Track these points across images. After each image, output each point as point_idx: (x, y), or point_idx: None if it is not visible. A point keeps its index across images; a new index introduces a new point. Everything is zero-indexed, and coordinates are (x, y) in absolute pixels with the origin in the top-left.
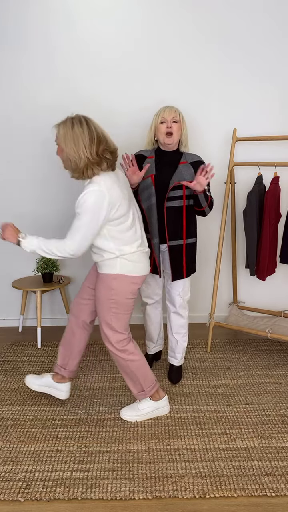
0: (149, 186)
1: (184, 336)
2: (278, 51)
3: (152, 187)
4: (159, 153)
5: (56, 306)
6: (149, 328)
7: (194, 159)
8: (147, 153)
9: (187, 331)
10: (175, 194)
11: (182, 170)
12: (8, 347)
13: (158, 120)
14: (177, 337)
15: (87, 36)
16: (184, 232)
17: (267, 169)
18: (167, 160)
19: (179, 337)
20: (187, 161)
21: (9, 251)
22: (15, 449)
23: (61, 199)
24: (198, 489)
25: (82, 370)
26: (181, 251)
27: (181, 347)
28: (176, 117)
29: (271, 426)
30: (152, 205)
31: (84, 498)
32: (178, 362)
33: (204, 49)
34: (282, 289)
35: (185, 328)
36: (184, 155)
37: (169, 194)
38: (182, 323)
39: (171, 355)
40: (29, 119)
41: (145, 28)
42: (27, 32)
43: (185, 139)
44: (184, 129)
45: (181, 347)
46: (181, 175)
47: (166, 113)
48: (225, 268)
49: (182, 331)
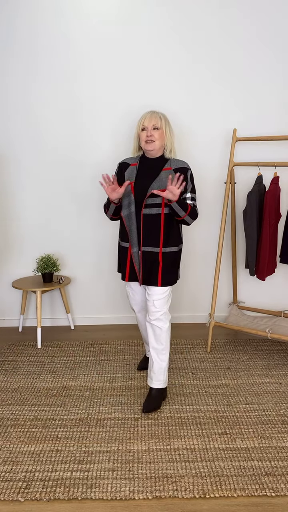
0: (129, 194)
1: (161, 354)
2: (278, 51)
3: (131, 195)
4: (143, 160)
5: (56, 306)
6: (141, 332)
7: (179, 165)
8: (131, 161)
9: (165, 347)
10: (154, 201)
11: (163, 178)
12: (8, 347)
13: (139, 128)
14: (153, 354)
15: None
16: (161, 240)
17: (267, 169)
18: (149, 167)
19: (154, 354)
20: (171, 167)
21: (9, 251)
22: (15, 449)
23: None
24: (198, 489)
25: (82, 370)
26: (156, 259)
27: (157, 367)
28: (156, 124)
29: (271, 426)
30: (131, 213)
31: (84, 498)
32: (154, 384)
33: (204, 49)
34: (282, 289)
35: (163, 343)
36: (170, 162)
37: (146, 201)
38: (157, 336)
39: (148, 375)
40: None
41: (143, 28)
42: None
43: (169, 145)
44: (168, 135)
45: (157, 367)
46: (161, 182)
47: (147, 121)
48: (225, 268)
49: (159, 347)
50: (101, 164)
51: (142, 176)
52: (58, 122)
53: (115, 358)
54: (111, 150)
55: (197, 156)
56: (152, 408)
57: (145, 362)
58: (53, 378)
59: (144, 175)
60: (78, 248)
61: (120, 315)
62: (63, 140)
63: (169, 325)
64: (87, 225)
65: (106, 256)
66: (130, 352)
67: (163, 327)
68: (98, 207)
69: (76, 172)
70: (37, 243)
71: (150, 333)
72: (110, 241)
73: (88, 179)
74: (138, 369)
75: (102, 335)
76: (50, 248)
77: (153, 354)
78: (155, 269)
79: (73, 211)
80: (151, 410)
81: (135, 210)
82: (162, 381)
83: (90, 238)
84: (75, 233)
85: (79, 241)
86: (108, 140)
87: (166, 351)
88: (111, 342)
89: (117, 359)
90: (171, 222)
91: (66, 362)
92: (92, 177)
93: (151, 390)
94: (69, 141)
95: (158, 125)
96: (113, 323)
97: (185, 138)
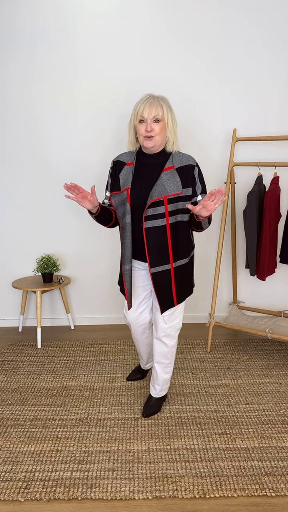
0: (125, 202)
1: (167, 367)
2: (278, 50)
3: (127, 204)
4: (140, 157)
5: (56, 306)
6: (136, 346)
7: (183, 162)
8: (126, 158)
9: (171, 362)
10: (156, 211)
11: (165, 181)
12: (8, 347)
13: (136, 119)
14: (158, 368)
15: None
16: (170, 255)
17: (267, 169)
18: (148, 167)
19: (159, 368)
20: (173, 166)
21: (9, 251)
22: (15, 449)
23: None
24: (198, 489)
25: (82, 370)
26: (169, 277)
27: (161, 379)
28: (158, 114)
29: (271, 426)
30: (126, 225)
31: (84, 498)
32: (156, 393)
33: (204, 49)
34: (282, 289)
35: (169, 358)
36: (171, 158)
37: (147, 213)
38: (164, 352)
39: (151, 383)
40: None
41: (143, 28)
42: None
43: (172, 137)
44: (171, 126)
45: (161, 379)
46: (163, 188)
47: (146, 110)
48: (225, 268)
49: (164, 361)
50: (102, 164)
51: (139, 180)
52: (58, 122)
53: (115, 358)
54: (111, 149)
55: (197, 156)
56: (152, 413)
57: (138, 373)
58: (53, 378)
59: (141, 178)
60: (78, 248)
61: (120, 315)
62: (63, 140)
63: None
64: (87, 225)
65: (106, 256)
66: (130, 352)
67: (170, 343)
68: None
69: (76, 172)
70: (37, 243)
71: (156, 348)
72: (110, 241)
73: (88, 178)
74: (127, 380)
75: (102, 335)
76: (50, 248)
77: (158, 368)
78: (169, 289)
79: (74, 211)
80: (150, 415)
81: (131, 222)
82: (164, 390)
83: (90, 238)
84: (75, 233)
85: (79, 241)
86: (109, 139)
87: (172, 364)
88: (111, 342)
89: (117, 359)
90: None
91: (66, 362)
92: (93, 176)
93: (151, 398)
94: (69, 140)
95: (160, 116)
96: (113, 323)
97: (185, 138)
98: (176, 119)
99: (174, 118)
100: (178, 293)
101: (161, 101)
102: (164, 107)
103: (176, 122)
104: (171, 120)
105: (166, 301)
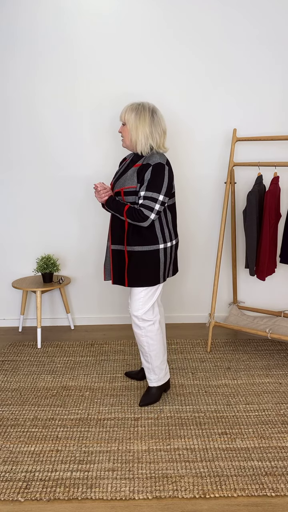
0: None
1: (145, 356)
2: (278, 51)
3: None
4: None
5: (56, 306)
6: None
7: (146, 161)
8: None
9: (148, 352)
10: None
11: (128, 176)
12: (8, 347)
13: None
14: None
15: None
16: (125, 239)
17: (267, 169)
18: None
19: (141, 354)
20: (140, 164)
21: (9, 251)
22: (15, 449)
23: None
24: (198, 489)
25: (82, 370)
26: (123, 257)
27: (145, 366)
28: (121, 119)
29: (271, 426)
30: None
31: (84, 498)
32: (149, 382)
33: (204, 49)
34: (282, 289)
35: (144, 347)
36: (145, 157)
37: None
38: (138, 341)
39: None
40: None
41: (143, 28)
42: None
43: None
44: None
45: (145, 366)
46: (123, 182)
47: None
48: (225, 268)
49: (141, 349)
50: (102, 164)
51: (120, 173)
52: (59, 122)
53: (115, 358)
54: (112, 148)
55: (197, 156)
56: (148, 403)
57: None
58: (53, 378)
59: (122, 172)
60: (78, 248)
61: (120, 315)
62: (63, 140)
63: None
64: (87, 225)
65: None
66: (130, 352)
67: (138, 331)
68: (98, 207)
69: (77, 172)
70: (37, 243)
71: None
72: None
73: (88, 179)
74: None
75: (102, 335)
76: (50, 248)
77: (141, 354)
78: (122, 267)
79: (74, 211)
80: (147, 405)
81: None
82: (153, 380)
83: (90, 238)
84: (75, 233)
85: (79, 241)
86: (109, 140)
87: (150, 355)
88: (111, 342)
89: (117, 359)
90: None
91: (66, 362)
92: (93, 177)
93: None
94: (70, 140)
95: (123, 120)
96: (113, 323)
97: (185, 138)
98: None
99: (138, 123)
100: (130, 274)
101: (131, 106)
102: (128, 112)
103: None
104: (132, 123)
105: (118, 275)
